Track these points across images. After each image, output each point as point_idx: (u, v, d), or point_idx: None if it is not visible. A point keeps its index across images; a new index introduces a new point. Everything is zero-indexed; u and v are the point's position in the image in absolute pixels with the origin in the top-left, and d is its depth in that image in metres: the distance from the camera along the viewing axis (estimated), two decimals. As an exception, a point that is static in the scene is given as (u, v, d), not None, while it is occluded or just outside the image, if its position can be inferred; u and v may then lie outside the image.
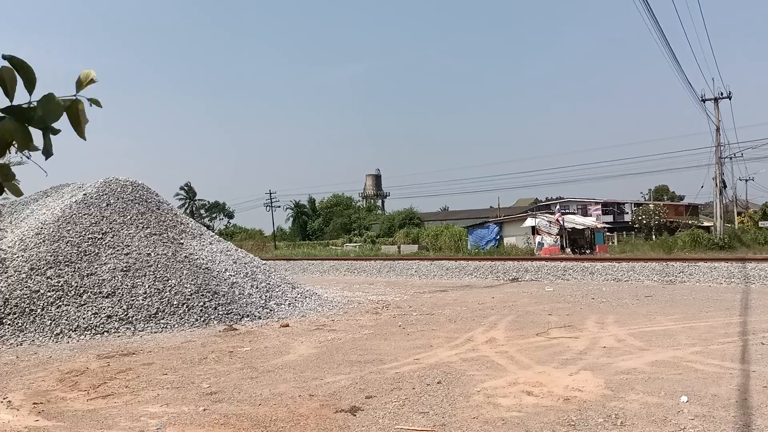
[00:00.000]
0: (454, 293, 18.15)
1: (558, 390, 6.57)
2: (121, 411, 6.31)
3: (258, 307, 13.54)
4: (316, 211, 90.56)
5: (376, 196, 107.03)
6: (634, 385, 6.64)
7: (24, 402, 6.75)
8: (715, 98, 38.06)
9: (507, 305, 14.47)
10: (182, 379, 7.72)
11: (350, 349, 9.41)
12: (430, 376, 7.38)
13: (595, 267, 22.48)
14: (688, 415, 5.54)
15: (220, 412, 6.17)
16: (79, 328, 11.03)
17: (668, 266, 21.12)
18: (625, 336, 9.72)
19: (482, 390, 6.68)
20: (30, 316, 11.05)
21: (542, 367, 7.72)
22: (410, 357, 8.64)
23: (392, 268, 27.90)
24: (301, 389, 6.97)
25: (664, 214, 56.45)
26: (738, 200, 61.56)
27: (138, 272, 12.86)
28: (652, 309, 12.90)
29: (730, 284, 17.83)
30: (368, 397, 6.55)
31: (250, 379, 7.56)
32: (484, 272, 24.39)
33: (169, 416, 6.06)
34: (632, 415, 5.61)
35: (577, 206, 62.78)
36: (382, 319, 12.92)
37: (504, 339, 9.86)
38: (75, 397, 6.96)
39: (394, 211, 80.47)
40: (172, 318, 12.02)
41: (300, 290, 15.79)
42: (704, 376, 6.94)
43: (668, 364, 7.60)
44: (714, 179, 38.51)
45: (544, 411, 5.84)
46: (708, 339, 9.20)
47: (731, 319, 11.06)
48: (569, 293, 16.84)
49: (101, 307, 11.65)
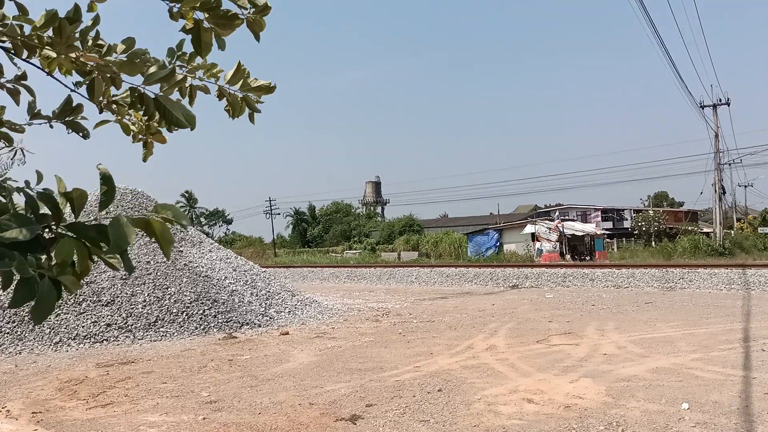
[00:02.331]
0: (454, 300, 18.12)
1: (559, 397, 6.55)
2: (121, 420, 6.29)
3: (258, 314, 13.52)
4: (316, 218, 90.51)
5: (376, 203, 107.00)
6: (634, 393, 6.62)
7: (23, 411, 6.72)
8: (714, 105, 38.16)
9: (507, 312, 14.44)
10: (182, 387, 7.70)
11: (350, 357, 9.38)
12: (430, 384, 7.35)
13: (595, 273, 22.46)
14: (689, 423, 5.52)
15: (219, 420, 6.14)
16: (78, 337, 11.00)
17: (668, 272, 21.10)
18: (626, 343, 9.70)
19: (483, 398, 6.66)
20: (29, 324, 11.02)
21: (543, 374, 7.70)
22: (410, 365, 8.62)
23: (392, 275, 27.88)
24: (301, 397, 6.94)
25: (664, 221, 56.46)
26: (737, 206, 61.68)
27: (137, 280, 12.84)
28: (653, 316, 12.88)
29: (730, 290, 17.80)
30: (368, 405, 6.53)
31: (250, 388, 7.54)
32: (484, 279, 24.37)
33: (168, 425, 6.04)
34: (633, 422, 5.60)
35: (577, 213, 62.83)
36: (383, 326, 12.89)
37: (504, 346, 9.83)
38: (74, 406, 6.93)
39: (394, 218, 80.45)
40: (172, 326, 11.99)
41: (300, 298, 15.76)
42: (705, 383, 6.92)
43: (669, 371, 7.58)
44: (713, 185, 38.56)
45: (545, 418, 5.82)
46: (708, 346, 9.18)
47: (732, 326, 11.04)
48: (569, 300, 16.81)
49: (100, 315, 11.63)
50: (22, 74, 2.15)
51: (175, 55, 2.03)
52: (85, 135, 2.24)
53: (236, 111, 2.14)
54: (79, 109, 2.17)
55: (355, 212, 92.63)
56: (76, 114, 2.17)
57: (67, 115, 2.15)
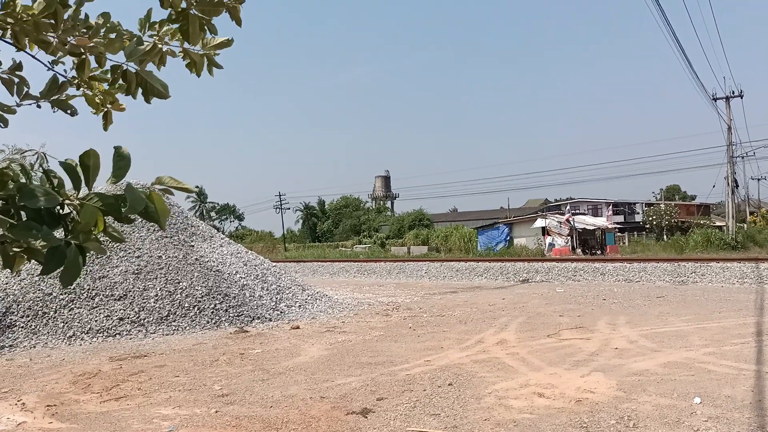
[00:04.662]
0: (464, 294, 18.11)
1: (570, 392, 6.55)
2: (134, 413, 6.35)
3: (268, 309, 13.58)
4: (326, 212, 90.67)
5: (386, 197, 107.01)
6: (646, 387, 6.60)
7: (38, 404, 6.80)
8: (727, 97, 37.79)
9: (518, 306, 14.42)
10: (194, 381, 7.76)
11: (361, 351, 9.41)
12: (441, 378, 7.37)
13: (606, 268, 22.36)
14: (701, 417, 5.50)
15: (231, 414, 6.19)
16: (92, 331, 11.11)
17: (680, 267, 20.97)
18: (637, 337, 9.66)
19: (493, 392, 6.66)
20: (43, 318, 11.15)
21: (553, 368, 7.69)
22: (421, 359, 8.63)
23: (402, 270, 27.89)
24: (312, 391, 6.98)
25: (676, 214, 56.06)
26: (750, 199, 61.09)
27: (149, 275, 12.93)
28: (664, 310, 12.81)
29: (743, 284, 17.67)
30: (379, 399, 6.56)
31: (262, 381, 7.59)
32: (494, 273, 24.33)
33: (181, 418, 6.09)
34: (645, 416, 5.58)
35: (588, 206, 62.48)
36: (393, 320, 12.91)
37: (515, 340, 9.83)
38: (88, 399, 7.01)
39: (404, 213, 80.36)
40: (184, 320, 12.07)
41: (310, 292, 15.81)
42: (717, 378, 6.89)
43: (681, 366, 7.54)
44: (726, 178, 38.23)
45: (556, 413, 5.82)
46: (721, 340, 9.13)
47: (745, 320, 10.97)
48: (580, 294, 16.76)
49: (113, 309, 11.73)
50: (18, 65, 2.24)
51: (146, 25, 2.18)
52: (72, 112, 2.35)
53: (199, 68, 2.31)
54: (64, 87, 2.28)
55: (365, 206, 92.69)
56: (62, 92, 2.28)
57: (54, 94, 2.26)
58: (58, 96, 2.26)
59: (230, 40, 2.28)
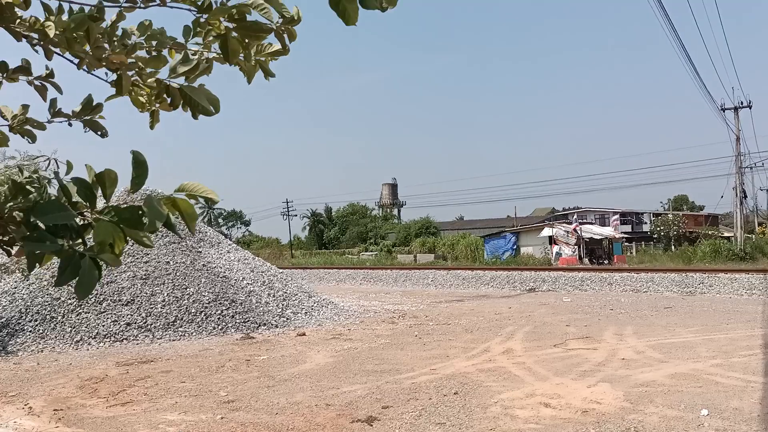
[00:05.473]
0: (470, 303, 18.08)
1: (576, 402, 6.52)
2: (140, 418, 6.37)
3: (275, 315, 13.60)
4: (333, 220, 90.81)
5: (393, 205, 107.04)
6: (653, 398, 6.57)
7: (45, 408, 6.84)
8: (735, 107, 37.66)
9: (524, 316, 14.38)
10: (200, 387, 7.78)
11: (366, 359, 9.41)
12: (446, 387, 7.35)
13: (613, 277, 22.27)
14: (708, 429, 5.47)
15: (237, 420, 6.20)
16: (99, 336, 11.16)
17: (688, 277, 20.86)
18: (644, 348, 9.62)
19: (499, 401, 6.65)
20: (51, 323, 11.21)
21: (560, 378, 7.66)
22: (427, 367, 8.62)
23: (408, 278, 27.86)
24: (318, 398, 6.98)
25: (684, 225, 55.78)
26: (759, 210, 60.78)
27: (157, 280, 12.99)
28: (672, 320, 12.75)
29: (751, 296, 17.56)
30: (385, 407, 6.55)
31: (267, 388, 7.60)
32: (500, 282, 24.27)
33: (187, 424, 6.11)
34: (651, 428, 5.55)
35: (595, 216, 62.30)
36: (399, 328, 12.90)
37: (521, 350, 9.80)
38: (94, 404, 7.04)
39: (411, 220, 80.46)
40: (190, 326, 12.11)
41: (316, 299, 15.83)
42: (725, 390, 6.85)
43: (688, 377, 7.50)
44: (734, 189, 38.05)
45: (562, 423, 5.80)
46: (729, 351, 9.07)
47: (753, 332, 10.90)
48: (587, 304, 16.69)
49: (120, 314, 11.78)
50: (50, 72, 2.21)
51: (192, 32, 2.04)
52: (103, 134, 2.29)
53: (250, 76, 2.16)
54: (98, 109, 2.23)
55: (372, 214, 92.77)
56: (96, 113, 2.24)
57: (87, 113, 2.22)
58: (91, 117, 2.22)
59: (287, 49, 2.10)
